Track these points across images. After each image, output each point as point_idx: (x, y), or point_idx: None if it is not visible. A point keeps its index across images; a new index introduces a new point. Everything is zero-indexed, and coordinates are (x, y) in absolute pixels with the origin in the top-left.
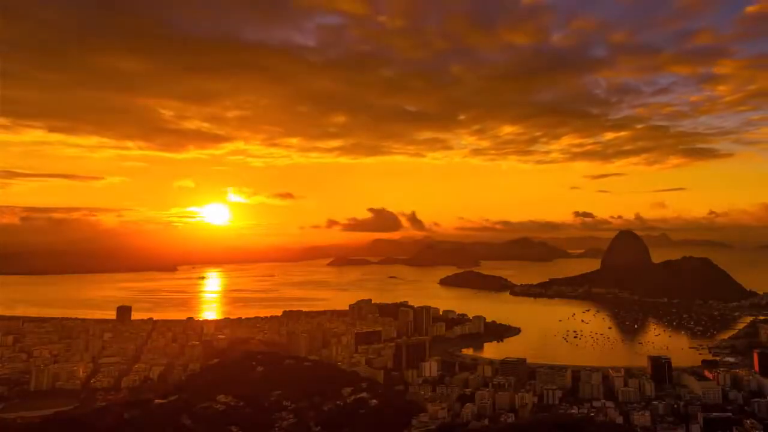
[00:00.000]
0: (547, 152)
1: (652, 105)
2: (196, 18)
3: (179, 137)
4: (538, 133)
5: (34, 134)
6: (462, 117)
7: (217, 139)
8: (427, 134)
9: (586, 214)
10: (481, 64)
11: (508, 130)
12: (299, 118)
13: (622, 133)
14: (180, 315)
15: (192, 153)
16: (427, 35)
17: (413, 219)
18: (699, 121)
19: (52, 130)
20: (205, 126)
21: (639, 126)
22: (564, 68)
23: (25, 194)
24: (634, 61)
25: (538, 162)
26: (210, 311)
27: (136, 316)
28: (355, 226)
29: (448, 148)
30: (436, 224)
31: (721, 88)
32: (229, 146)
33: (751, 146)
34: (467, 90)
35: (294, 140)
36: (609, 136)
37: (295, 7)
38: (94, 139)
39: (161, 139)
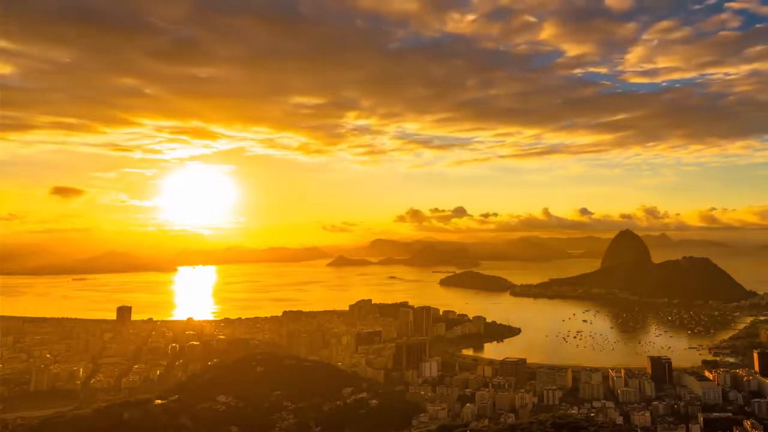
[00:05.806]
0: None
1: None
2: None
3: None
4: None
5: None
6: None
7: (215, 136)
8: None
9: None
10: None
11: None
12: (299, 115)
13: None
14: (180, 315)
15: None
16: None
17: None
18: None
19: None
20: (203, 123)
21: None
22: None
23: None
24: None
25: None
26: (210, 311)
27: (135, 316)
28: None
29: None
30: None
31: None
32: (229, 144)
33: None
34: None
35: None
36: None
37: None
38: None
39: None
